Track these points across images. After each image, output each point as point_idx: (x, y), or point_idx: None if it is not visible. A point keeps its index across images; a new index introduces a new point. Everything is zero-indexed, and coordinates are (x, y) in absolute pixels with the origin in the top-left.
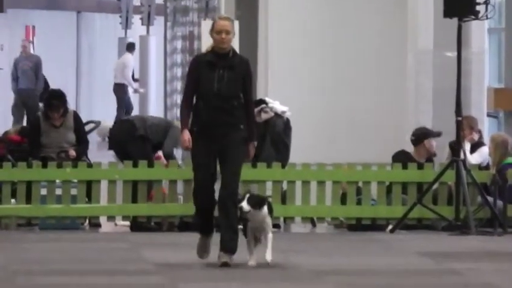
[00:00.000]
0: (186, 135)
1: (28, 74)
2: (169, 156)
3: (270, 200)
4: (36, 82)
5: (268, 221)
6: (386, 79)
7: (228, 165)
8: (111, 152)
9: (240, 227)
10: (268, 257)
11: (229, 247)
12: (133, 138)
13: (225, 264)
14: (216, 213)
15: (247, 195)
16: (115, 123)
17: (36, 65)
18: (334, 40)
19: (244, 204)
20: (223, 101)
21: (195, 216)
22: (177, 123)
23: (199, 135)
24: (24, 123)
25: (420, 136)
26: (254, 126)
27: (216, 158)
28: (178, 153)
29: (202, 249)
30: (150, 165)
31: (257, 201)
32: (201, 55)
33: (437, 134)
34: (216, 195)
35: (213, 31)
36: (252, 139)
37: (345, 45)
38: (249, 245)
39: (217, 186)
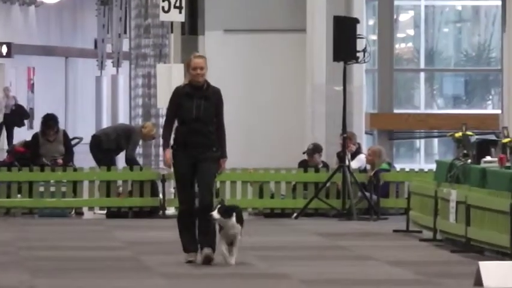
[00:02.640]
0: (168, 153)
1: None
2: (131, 160)
3: (239, 210)
4: None
5: (237, 228)
6: (291, 106)
7: (203, 179)
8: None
9: None
10: (232, 260)
11: (207, 244)
12: (100, 151)
13: (207, 257)
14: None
15: (218, 206)
16: (91, 137)
17: None
18: (254, 76)
19: (214, 213)
20: (201, 125)
21: (180, 235)
22: (138, 129)
23: (180, 153)
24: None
25: (314, 151)
26: (225, 145)
27: (194, 172)
28: (140, 159)
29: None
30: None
31: (226, 211)
32: (180, 87)
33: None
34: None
35: (190, 68)
36: (224, 156)
37: (261, 81)
38: (222, 249)
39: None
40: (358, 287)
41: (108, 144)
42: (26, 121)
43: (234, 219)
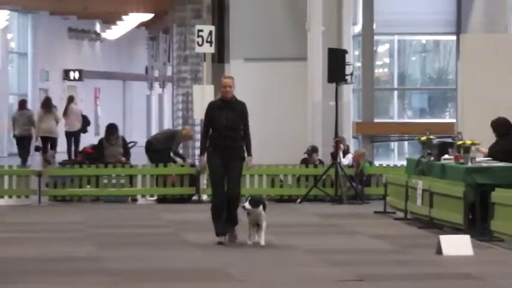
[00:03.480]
0: (203, 161)
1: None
2: (176, 153)
3: (264, 201)
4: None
5: (263, 213)
6: (296, 117)
7: (232, 176)
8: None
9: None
10: (262, 242)
11: (232, 233)
12: (152, 151)
13: (233, 241)
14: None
15: (249, 198)
16: (145, 142)
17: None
18: (268, 95)
19: (246, 204)
20: (229, 131)
21: (213, 221)
22: (179, 132)
23: (214, 154)
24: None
25: (308, 152)
26: (251, 147)
27: (225, 170)
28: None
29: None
30: (165, 166)
31: (255, 202)
32: (213, 102)
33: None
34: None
35: (221, 86)
36: (250, 154)
37: (273, 98)
38: (249, 232)
39: None
40: (348, 255)
41: (159, 146)
42: (88, 128)
43: (261, 208)
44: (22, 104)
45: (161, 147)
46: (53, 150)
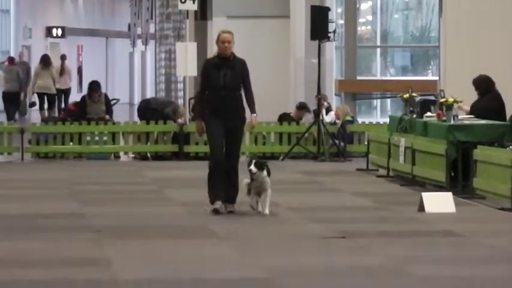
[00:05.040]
0: (200, 125)
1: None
2: (168, 117)
3: (267, 164)
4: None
5: (267, 180)
6: (279, 74)
7: (232, 140)
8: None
9: (247, 180)
10: (266, 211)
11: (232, 199)
12: (149, 109)
13: (231, 212)
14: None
15: (254, 161)
16: (141, 101)
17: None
18: (250, 52)
19: (252, 167)
20: (227, 92)
21: (209, 188)
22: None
23: (212, 117)
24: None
25: (301, 107)
26: (254, 105)
27: (223, 132)
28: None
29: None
30: (147, 123)
31: (260, 165)
32: (210, 59)
33: (309, 111)
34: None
35: (218, 41)
36: (253, 112)
37: (256, 56)
38: (252, 200)
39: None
40: (331, 212)
41: (155, 105)
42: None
43: (265, 172)
44: (11, 59)
45: (157, 108)
46: (51, 107)
